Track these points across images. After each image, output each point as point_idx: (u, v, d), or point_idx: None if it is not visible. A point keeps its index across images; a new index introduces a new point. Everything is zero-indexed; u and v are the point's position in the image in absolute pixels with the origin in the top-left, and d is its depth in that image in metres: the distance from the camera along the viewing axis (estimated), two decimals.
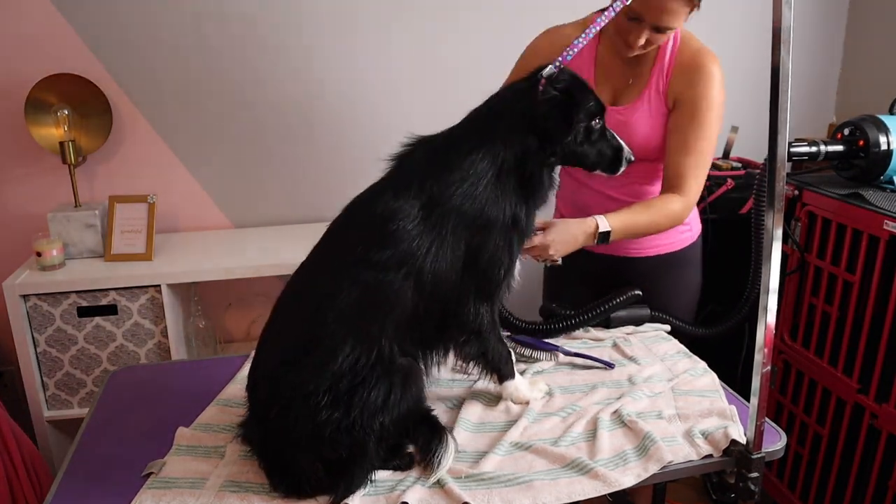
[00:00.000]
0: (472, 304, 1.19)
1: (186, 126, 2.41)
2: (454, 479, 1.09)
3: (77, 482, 1.13)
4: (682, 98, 1.53)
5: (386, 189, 1.17)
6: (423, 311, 1.14)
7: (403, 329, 1.13)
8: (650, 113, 1.56)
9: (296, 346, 1.10)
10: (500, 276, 1.20)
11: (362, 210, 1.18)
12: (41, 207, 2.32)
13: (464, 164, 1.16)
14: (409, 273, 1.11)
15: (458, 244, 1.14)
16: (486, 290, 1.20)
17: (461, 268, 1.16)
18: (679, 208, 1.53)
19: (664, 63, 1.55)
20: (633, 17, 1.44)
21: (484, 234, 1.16)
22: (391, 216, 1.12)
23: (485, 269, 1.18)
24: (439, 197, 1.14)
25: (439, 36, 2.47)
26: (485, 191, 1.16)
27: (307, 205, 2.54)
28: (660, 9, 1.40)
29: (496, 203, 1.17)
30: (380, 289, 1.10)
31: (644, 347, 1.54)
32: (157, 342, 2.14)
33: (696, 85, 1.51)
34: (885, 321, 1.74)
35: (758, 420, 1.12)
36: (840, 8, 2.70)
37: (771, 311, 1.09)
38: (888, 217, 1.71)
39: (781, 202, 1.07)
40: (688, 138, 1.52)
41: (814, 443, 2.05)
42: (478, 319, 1.21)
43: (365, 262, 1.10)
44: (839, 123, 1.96)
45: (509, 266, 1.21)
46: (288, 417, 1.06)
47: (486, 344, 1.24)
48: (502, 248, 1.18)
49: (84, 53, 2.28)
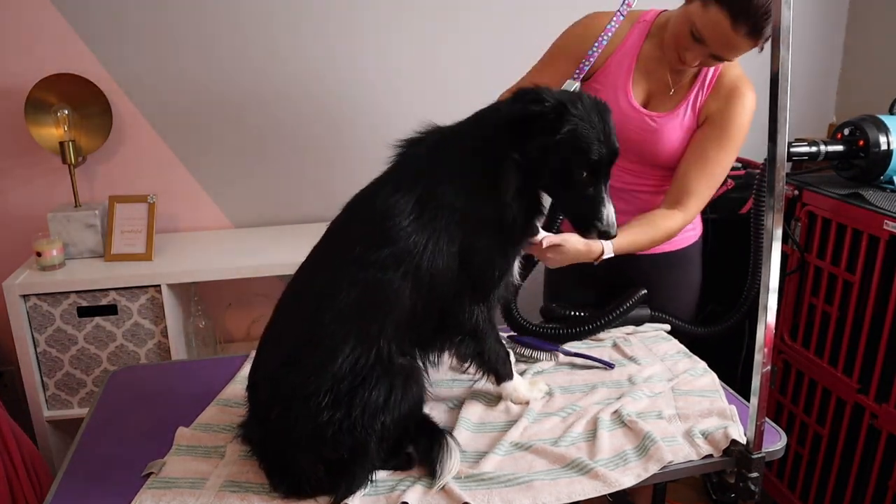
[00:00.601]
0: (467, 304, 1.19)
1: (186, 126, 2.41)
2: (454, 479, 1.09)
3: (77, 482, 1.13)
4: (713, 115, 1.54)
5: (386, 182, 1.17)
6: (421, 310, 1.14)
7: (402, 329, 1.13)
8: (681, 126, 1.57)
9: (296, 346, 1.10)
10: (495, 276, 1.20)
11: (361, 206, 1.18)
12: (41, 207, 2.32)
13: (461, 160, 1.15)
14: (406, 272, 1.10)
15: (453, 242, 1.14)
16: (480, 290, 1.19)
17: (457, 267, 1.15)
18: (678, 225, 1.55)
19: (705, 81, 1.56)
20: (698, 39, 1.43)
21: (475, 232, 1.15)
22: (388, 213, 1.11)
23: (478, 269, 1.17)
24: (433, 192, 1.13)
25: (439, 36, 2.47)
26: (479, 189, 1.14)
27: (307, 205, 2.54)
28: (729, 45, 1.41)
29: (488, 202, 1.15)
30: (379, 288, 1.10)
31: (644, 347, 1.54)
32: (157, 342, 2.14)
33: (731, 107, 1.52)
34: (885, 321, 1.74)
35: (758, 420, 1.12)
36: (840, 8, 2.70)
37: (771, 311, 1.09)
38: (888, 217, 1.71)
39: (781, 202, 1.07)
40: (708, 153, 1.53)
41: (814, 443, 2.05)
42: (473, 319, 1.20)
43: (363, 260, 1.10)
44: (839, 123, 1.96)
45: (504, 267, 1.20)
46: (289, 418, 1.06)
47: (482, 344, 1.24)
48: (495, 248, 1.17)
49: (84, 53, 2.28)
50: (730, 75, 1.55)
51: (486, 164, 1.14)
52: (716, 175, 1.54)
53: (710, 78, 1.56)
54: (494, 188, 1.14)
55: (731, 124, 1.52)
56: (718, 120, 1.53)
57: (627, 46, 1.59)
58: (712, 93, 1.55)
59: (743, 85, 1.54)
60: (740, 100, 1.52)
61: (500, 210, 1.15)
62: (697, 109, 1.56)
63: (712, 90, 1.55)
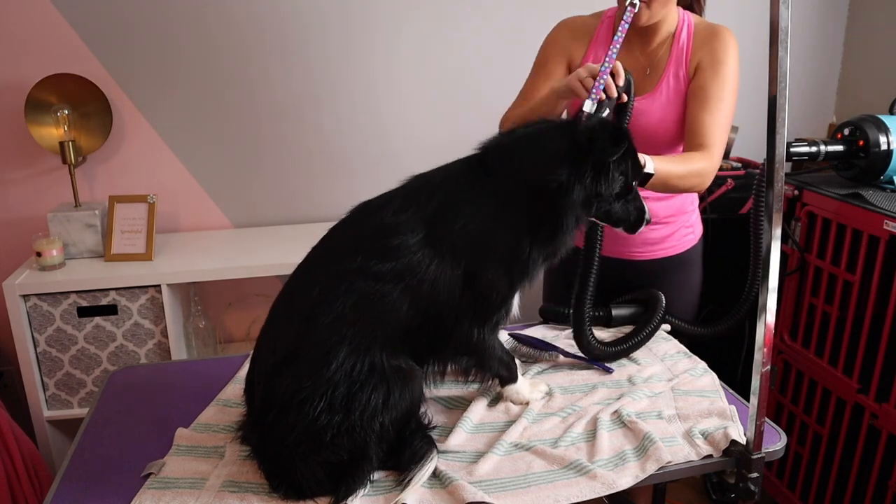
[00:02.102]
0: (468, 326, 1.18)
1: (186, 126, 2.41)
2: (454, 479, 1.09)
3: (77, 482, 1.13)
4: (703, 61, 1.55)
5: (394, 198, 1.15)
6: (416, 326, 1.13)
7: (396, 341, 1.12)
8: (667, 100, 1.57)
9: (290, 350, 1.09)
10: (497, 301, 1.18)
11: (367, 217, 1.16)
12: (41, 207, 2.32)
13: (481, 182, 1.14)
14: (406, 288, 1.10)
15: (459, 265, 1.13)
16: (482, 312, 1.18)
17: (460, 290, 1.14)
18: (705, 166, 1.49)
19: (682, 48, 1.57)
20: None
21: (484, 257, 1.14)
22: (395, 229, 1.11)
23: (482, 292, 1.16)
24: (446, 213, 1.12)
25: (441, 37, 2.46)
26: (493, 213, 1.13)
27: (307, 205, 2.54)
28: None
29: (502, 230, 1.14)
30: (375, 299, 1.09)
31: (644, 347, 1.54)
32: (157, 342, 2.14)
33: (717, 49, 1.54)
34: (885, 321, 1.74)
35: (758, 420, 1.12)
36: (840, 8, 2.70)
37: (771, 311, 1.09)
38: (888, 217, 1.71)
39: (781, 202, 1.07)
40: (710, 95, 1.53)
41: (814, 443, 2.05)
42: (473, 340, 1.19)
43: (363, 271, 1.09)
44: (839, 123, 1.96)
45: (507, 293, 1.18)
46: (285, 423, 1.06)
47: (484, 361, 1.24)
48: (501, 275, 1.15)
49: (84, 53, 2.28)
50: (703, 28, 1.58)
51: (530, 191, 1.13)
52: (724, 113, 1.53)
53: (685, 42, 1.57)
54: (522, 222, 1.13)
55: (722, 63, 1.53)
56: (709, 63, 1.54)
57: (598, 43, 1.61)
58: (694, 46, 1.57)
59: (718, 28, 1.57)
60: (723, 41, 1.55)
61: (518, 242, 1.14)
62: (684, 71, 1.57)
63: (692, 45, 1.57)
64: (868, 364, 1.81)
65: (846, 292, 1.88)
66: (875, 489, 1.83)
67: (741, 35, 2.70)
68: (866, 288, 1.80)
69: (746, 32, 2.60)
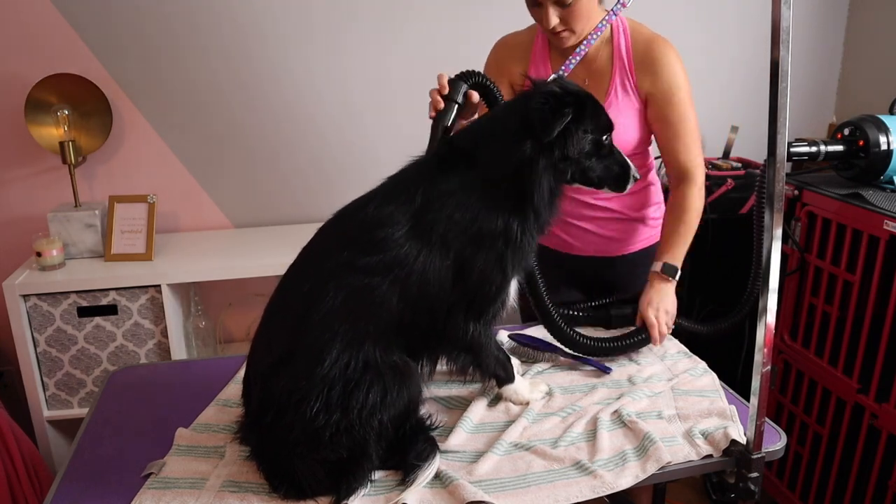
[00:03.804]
0: (462, 321, 1.18)
1: (186, 126, 2.41)
2: (454, 478, 1.09)
3: (77, 482, 1.13)
4: (652, 92, 1.55)
5: (375, 195, 1.16)
6: (408, 320, 1.13)
7: (388, 335, 1.12)
8: (620, 110, 1.57)
9: (284, 350, 1.09)
10: (492, 292, 1.17)
11: (352, 214, 1.17)
12: (41, 207, 2.32)
13: (458, 172, 1.15)
14: (395, 280, 1.10)
15: (447, 255, 1.12)
16: (477, 306, 1.18)
17: (451, 281, 1.14)
18: (697, 196, 1.58)
19: (623, 58, 1.57)
20: (534, 3, 1.48)
21: (473, 246, 1.14)
22: (381, 222, 1.11)
23: (475, 284, 1.15)
24: (430, 204, 1.12)
25: (436, 40, 2.46)
26: (477, 201, 1.13)
27: (307, 205, 2.54)
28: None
29: (488, 214, 1.14)
30: (364, 293, 1.09)
31: (644, 347, 1.54)
32: (157, 342, 2.14)
33: (661, 75, 1.54)
34: (885, 321, 1.74)
35: (758, 420, 1.12)
36: (840, 8, 2.70)
37: (771, 311, 1.09)
38: (888, 217, 1.71)
39: (781, 202, 1.07)
40: (671, 121, 1.56)
41: (814, 443, 2.05)
42: (468, 336, 1.19)
43: (351, 266, 1.09)
44: (839, 123, 1.96)
45: (502, 283, 1.18)
46: (283, 424, 1.06)
47: (479, 358, 1.23)
48: (493, 263, 1.15)
49: (84, 53, 2.28)
50: (641, 43, 1.56)
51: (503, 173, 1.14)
52: (691, 132, 1.56)
53: (624, 54, 1.56)
54: (503, 199, 1.14)
55: (671, 89, 1.53)
56: (660, 94, 1.54)
57: (537, 56, 1.63)
58: (637, 69, 1.56)
59: (658, 47, 1.54)
60: (665, 64, 1.53)
61: (507, 221, 1.14)
62: (633, 89, 1.57)
63: (634, 66, 1.56)
64: (868, 364, 1.81)
65: (846, 292, 1.88)
66: (875, 489, 1.83)
67: (741, 35, 2.71)
68: (866, 288, 1.80)
69: (746, 32, 2.62)
